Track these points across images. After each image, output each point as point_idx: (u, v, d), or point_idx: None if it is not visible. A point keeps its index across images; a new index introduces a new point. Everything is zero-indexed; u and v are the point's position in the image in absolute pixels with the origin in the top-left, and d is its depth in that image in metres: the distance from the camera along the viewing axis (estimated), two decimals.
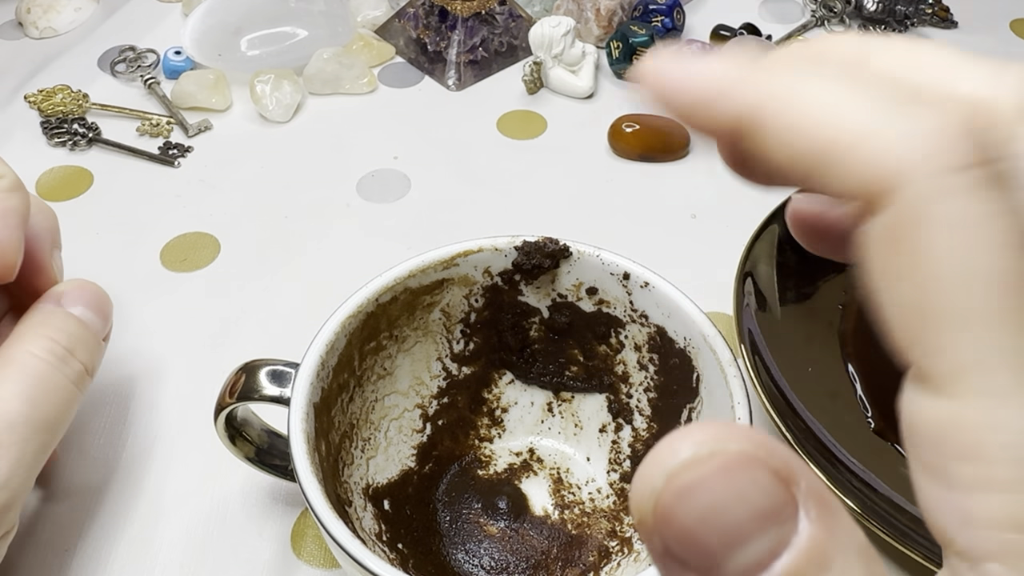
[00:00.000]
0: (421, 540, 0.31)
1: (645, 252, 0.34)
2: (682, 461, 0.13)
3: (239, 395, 0.28)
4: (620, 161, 0.50)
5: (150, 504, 0.34)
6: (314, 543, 0.33)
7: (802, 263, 0.40)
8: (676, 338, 0.30)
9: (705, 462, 0.13)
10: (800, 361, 0.36)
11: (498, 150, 0.51)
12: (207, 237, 0.45)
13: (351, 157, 0.50)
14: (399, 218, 0.46)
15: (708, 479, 0.13)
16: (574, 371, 0.34)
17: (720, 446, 0.13)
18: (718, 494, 0.13)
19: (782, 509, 0.13)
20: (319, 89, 0.54)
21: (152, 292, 0.42)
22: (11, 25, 0.61)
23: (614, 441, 0.33)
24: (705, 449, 0.13)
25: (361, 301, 0.29)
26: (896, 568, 0.32)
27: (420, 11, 0.57)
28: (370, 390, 0.32)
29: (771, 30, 0.60)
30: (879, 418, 0.34)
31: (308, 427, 0.26)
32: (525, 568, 0.31)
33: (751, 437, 0.13)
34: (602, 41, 0.58)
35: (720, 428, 0.13)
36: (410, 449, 0.33)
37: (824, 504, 0.13)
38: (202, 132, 0.52)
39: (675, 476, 0.13)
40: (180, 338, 0.40)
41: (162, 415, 0.37)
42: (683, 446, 0.13)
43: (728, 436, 0.13)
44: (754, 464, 0.13)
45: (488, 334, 0.33)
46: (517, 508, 0.33)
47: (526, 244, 0.31)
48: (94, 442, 0.36)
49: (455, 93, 0.55)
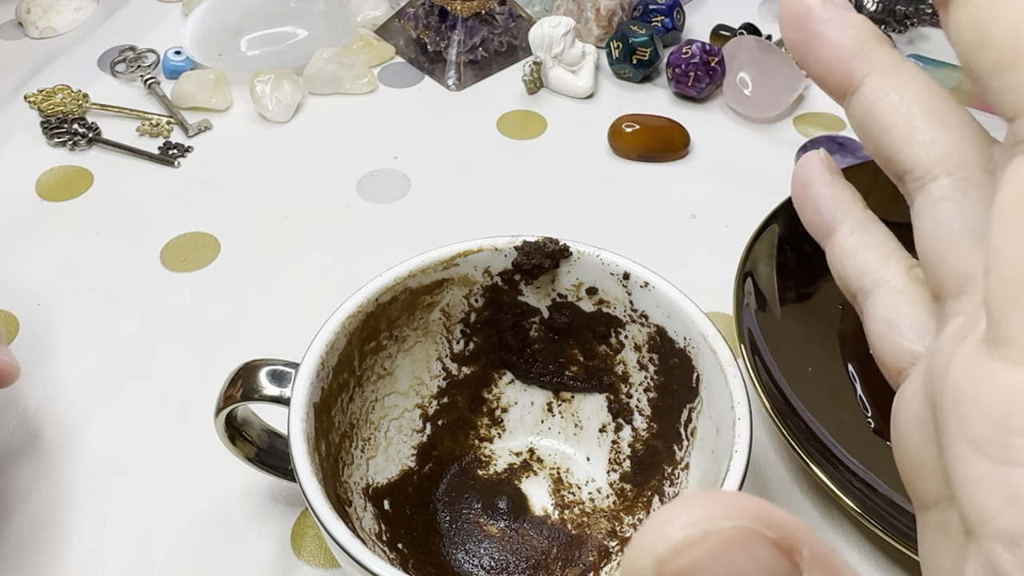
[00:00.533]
0: (421, 540, 0.31)
1: (645, 252, 0.34)
2: (672, 547, 0.12)
3: (239, 395, 0.28)
4: (620, 161, 0.50)
5: (150, 504, 0.34)
6: (314, 543, 0.33)
7: (802, 263, 0.40)
8: (676, 338, 0.30)
9: (698, 544, 0.12)
10: (800, 361, 0.36)
11: (498, 150, 0.51)
12: (207, 237, 0.45)
13: (351, 157, 0.50)
14: (399, 218, 0.46)
15: (704, 563, 0.12)
16: (574, 371, 0.34)
17: (712, 525, 0.12)
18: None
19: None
20: (319, 89, 0.54)
21: (152, 292, 0.42)
22: (11, 25, 0.61)
23: (614, 441, 0.33)
24: (697, 530, 0.12)
25: (361, 301, 0.29)
26: (896, 568, 0.32)
27: (420, 11, 0.57)
28: (370, 390, 0.32)
29: (771, 30, 0.60)
30: (879, 418, 0.34)
31: (308, 427, 0.26)
32: (525, 568, 0.31)
33: (744, 508, 0.12)
34: (602, 41, 0.58)
35: (709, 502, 0.12)
36: (410, 449, 0.33)
37: (829, 570, 0.12)
38: (202, 132, 0.52)
39: (667, 563, 0.12)
40: (180, 338, 0.40)
41: (162, 415, 0.37)
42: (671, 529, 0.12)
43: (720, 512, 0.12)
44: (752, 539, 0.12)
45: (488, 334, 0.33)
46: (517, 508, 0.33)
47: (526, 244, 0.31)
48: (94, 441, 0.36)
49: (455, 93, 0.55)
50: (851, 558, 0.32)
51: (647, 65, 0.54)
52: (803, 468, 0.35)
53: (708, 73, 0.52)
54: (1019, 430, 0.13)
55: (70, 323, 0.40)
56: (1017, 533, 0.13)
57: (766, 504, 0.12)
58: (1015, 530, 0.13)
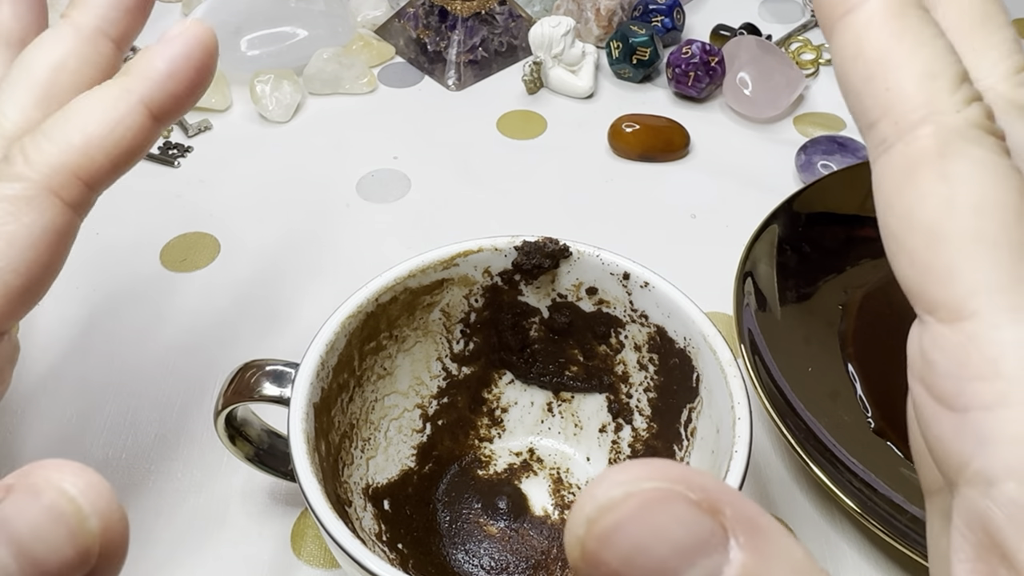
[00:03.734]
0: (421, 540, 0.31)
1: (645, 252, 0.34)
2: (600, 506, 0.13)
3: (239, 395, 0.28)
4: (620, 161, 0.50)
5: (150, 504, 0.34)
6: (314, 543, 0.33)
7: (802, 263, 0.40)
8: (676, 338, 0.30)
9: (621, 504, 0.13)
10: (800, 361, 0.36)
11: (498, 150, 0.51)
12: (207, 237, 0.45)
13: (351, 157, 0.50)
14: (399, 218, 0.46)
15: (626, 521, 0.12)
16: (574, 371, 0.34)
17: (635, 486, 0.13)
18: (638, 534, 0.12)
19: (707, 540, 0.12)
20: (319, 89, 0.54)
21: (152, 292, 0.42)
22: None
23: (614, 441, 0.33)
24: (620, 491, 0.13)
25: (361, 301, 0.29)
26: (896, 568, 0.32)
27: (420, 11, 0.57)
28: (370, 390, 0.32)
29: (771, 30, 0.60)
30: (879, 418, 0.34)
31: (308, 427, 0.26)
32: (525, 568, 0.31)
33: (668, 472, 0.13)
34: (602, 41, 0.58)
35: (639, 467, 0.13)
36: (410, 449, 0.33)
37: (754, 528, 0.13)
38: (202, 132, 0.52)
39: (595, 522, 0.13)
40: (180, 338, 0.40)
41: (162, 415, 0.37)
42: (600, 490, 0.13)
43: (644, 475, 0.13)
44: (671, 499, 0.13)
45: (488, 334, 0.33)
46: (517, 508, 0.33)
47: (526, 244, 0.31)
48: (94, 441, 0.36)
49: (455, 93, 0.55)
50: (851, 558, 0.32)
51: (647, 65, 0.54)
52: (803, 468, 0.35)
53: (708, 73, 0.52)
54: (972, 376, 0.14)
55: (70, 323, 0.40)
56: (990, 473, 0.14)
57: (691, 469, 0.13)
58: (988, 471, 0.14)
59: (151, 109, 0.23)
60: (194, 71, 0.23)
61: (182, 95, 0.23)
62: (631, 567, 0.12)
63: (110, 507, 0.16)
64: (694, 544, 0.12)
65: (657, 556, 0.12)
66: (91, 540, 0.15)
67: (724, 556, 0.12)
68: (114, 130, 0.23)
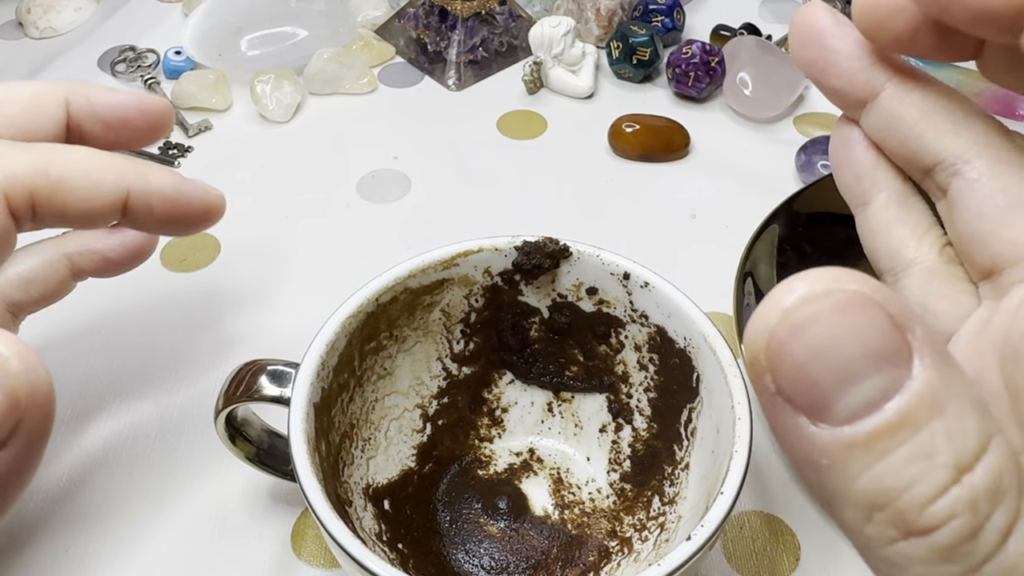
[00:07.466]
0: (421, 540, 0.31)
1: (645, 252, 0.34)
2: (799, 297, 0.13)
3: (239, 395, 0.28)
4: (620, 161, 0.50)
5: (150, 504, 0.34)
6: (314, 543, 0.33)
7: (802, 263, 0.40)
8: (676, 338, 0.30)
9: (821, 299, 0.13)
10: None
11: (498, 150, 0.51)
12: (207, 237, 0.45)
13: (351, 157, 0.50)
14: (399, 218, 0.46)
15: (824, 315, 0.13)
16: (574, 371, 0.34)
17: (837, 285, 0.13)
18: (833, 330, 0.13)
19: (897, 351, 0.13)
20: (319, 89, 0.54)
21: (152, 292, 0.42)
22: (11, 25, 0.61)
23: (614, 441, 0.33)
24: (821, 286, 0.13)
25: (361, 301, 0.29)
26: None
27: (420, 11, 0.57)
28: (370, 390, 0.32)
29: (771, 30, 0.60)
30: None
31: (308, 427, 0.26)
32: (525, 568, 0.31)
33: (868, 281, 0.13)
34: (602, 41, 0.58)
35: (838, 271, 0.13)
36: (410, 449, 0.33)
37: (940, 353, 0.13)
38: (202, 132, 0.52)
39: (790, 312, 0.13)
40: (180, 338, 0.40)
41: (162, 415, 0.37)
42: (800, 284, 0.13)
43: (846, 278, 0.13)
44: (870, 305, 0.13)
45: (488, 334, 0.33)
46: (517, 508, 0.33)
47: (526, 244, 0.31)
48: (94, 441, 0.36)
49: (455, 93, 0.55)
50: (851, 558, 0.32)
51: (647, 65, 0.54)
52: None
53: (708, 73, 0.52)
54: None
55: (70, 323, 0.40)
56: None
57: (886, 288, 0.13)
58: None
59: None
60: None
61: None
62: (818, 361, 0.13)
63: (30, 355, 0.16)
64: (885, 351, 0.13)
65: (846, 355, 0.13)
66: (15, 381, 0.16)
67: (908, 371, 0.13)
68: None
